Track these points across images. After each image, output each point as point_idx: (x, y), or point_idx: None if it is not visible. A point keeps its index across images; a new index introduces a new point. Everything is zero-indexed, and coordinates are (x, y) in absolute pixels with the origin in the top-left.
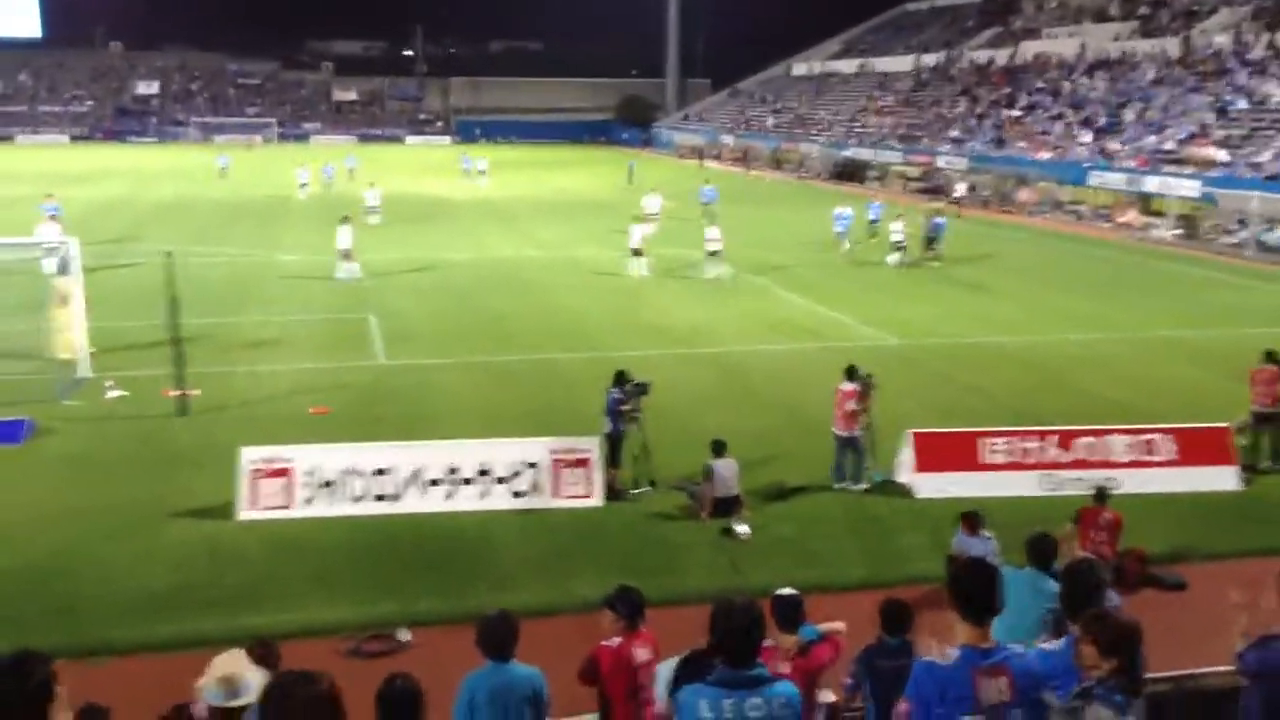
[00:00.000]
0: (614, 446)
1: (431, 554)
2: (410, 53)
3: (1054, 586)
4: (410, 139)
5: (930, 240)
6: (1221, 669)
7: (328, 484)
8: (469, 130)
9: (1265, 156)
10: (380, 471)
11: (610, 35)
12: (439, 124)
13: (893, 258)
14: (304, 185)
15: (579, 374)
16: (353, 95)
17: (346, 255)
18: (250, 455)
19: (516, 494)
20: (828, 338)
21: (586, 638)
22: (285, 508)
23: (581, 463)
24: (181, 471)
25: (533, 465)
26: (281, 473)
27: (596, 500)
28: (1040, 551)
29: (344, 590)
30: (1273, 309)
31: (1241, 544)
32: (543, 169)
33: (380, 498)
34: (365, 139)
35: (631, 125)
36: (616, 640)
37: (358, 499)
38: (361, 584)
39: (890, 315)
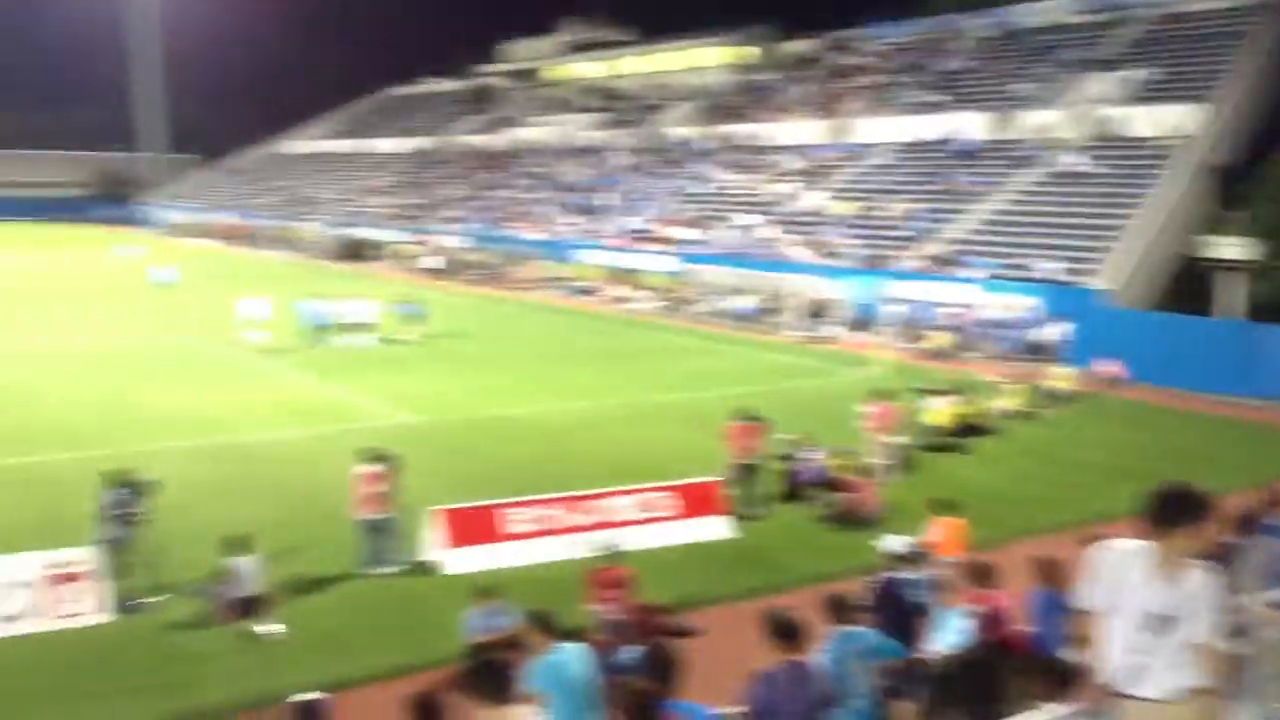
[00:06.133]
0: (118, 554)
1: None
2: None
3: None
4: None
5: (407, 321)
6: (740, 709)
7: None
8: None
9: (723, 235)
10: None
11: (81, 104)
12: None
13: (359, 339)
14: None
15: (77, 476)
16: None
17: None
18: None
19: (3, 619)
20: (347, 419)
21: None
22: None
23: (79, 576)
24: None
25: (20, 584)
26: None
27: (101, 616)
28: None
29: None
30: (740, 370)
31: (740, 586)
32: (12, 249)
33: None
34: None
35: (112, 201)
36: None
37: None
38: None
39: (406, 393)
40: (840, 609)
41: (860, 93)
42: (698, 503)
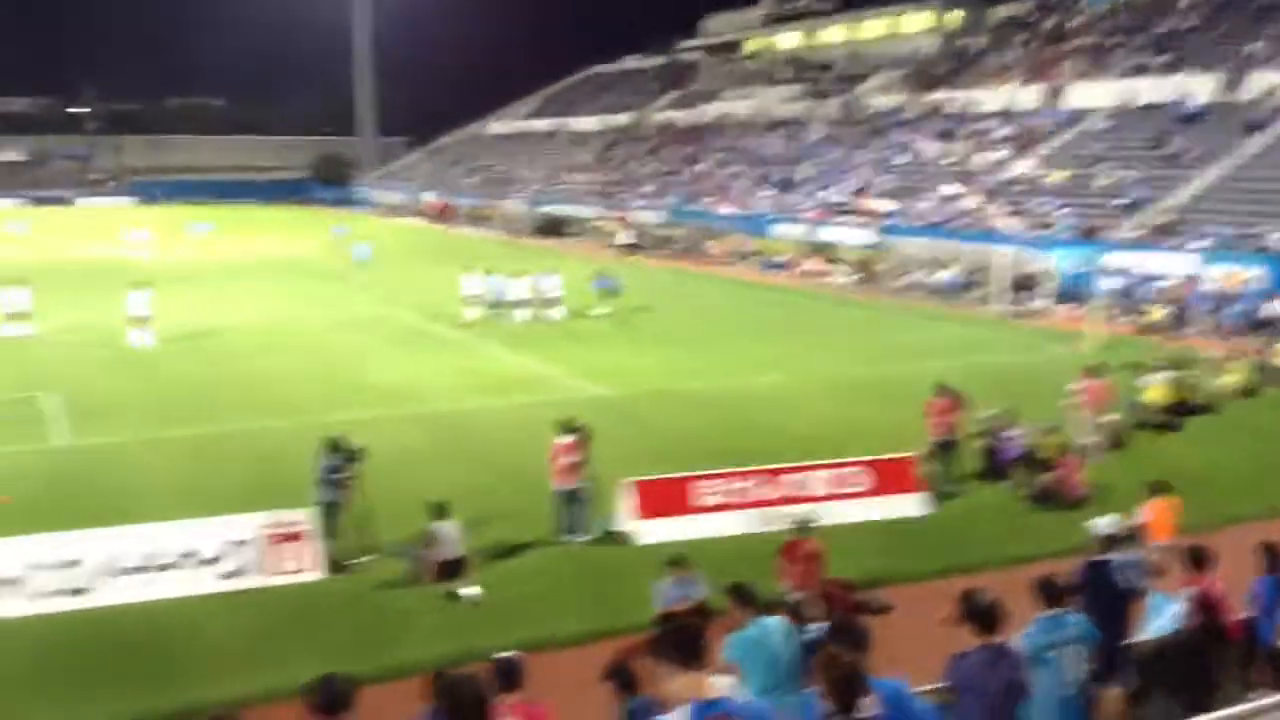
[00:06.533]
0: (330, 516)
1: (134, 650)
2: (78, 110)
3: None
4: (81, 200)
5: (602, 296)
6: (932, 686)
7: (8, 581)
8: (149, 191)
9: (925, 206)
10: (68, 563)
11: (301, 93)
12: (113, 184)
13: (548, 313)
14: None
15: (292, 442)
16: (13, 155)
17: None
18: None
19: (225, 575)
20: (538, 391)
21: None
22: None
23: (296, 536)
24: None
25: (242, 543)
26: None
27: (315, 575)
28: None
29: (34, 697)
30: (938, 345)
31: (934, 565)
32: (239, 229)
33: (70, 592)
34: (31, 201)
35: (329, 184)
36: None
37: (44, 595)
38: (54, 691)
39: (600, 366)
40: (1050, 592)
41: (1074, 56)
42: (892, 479)
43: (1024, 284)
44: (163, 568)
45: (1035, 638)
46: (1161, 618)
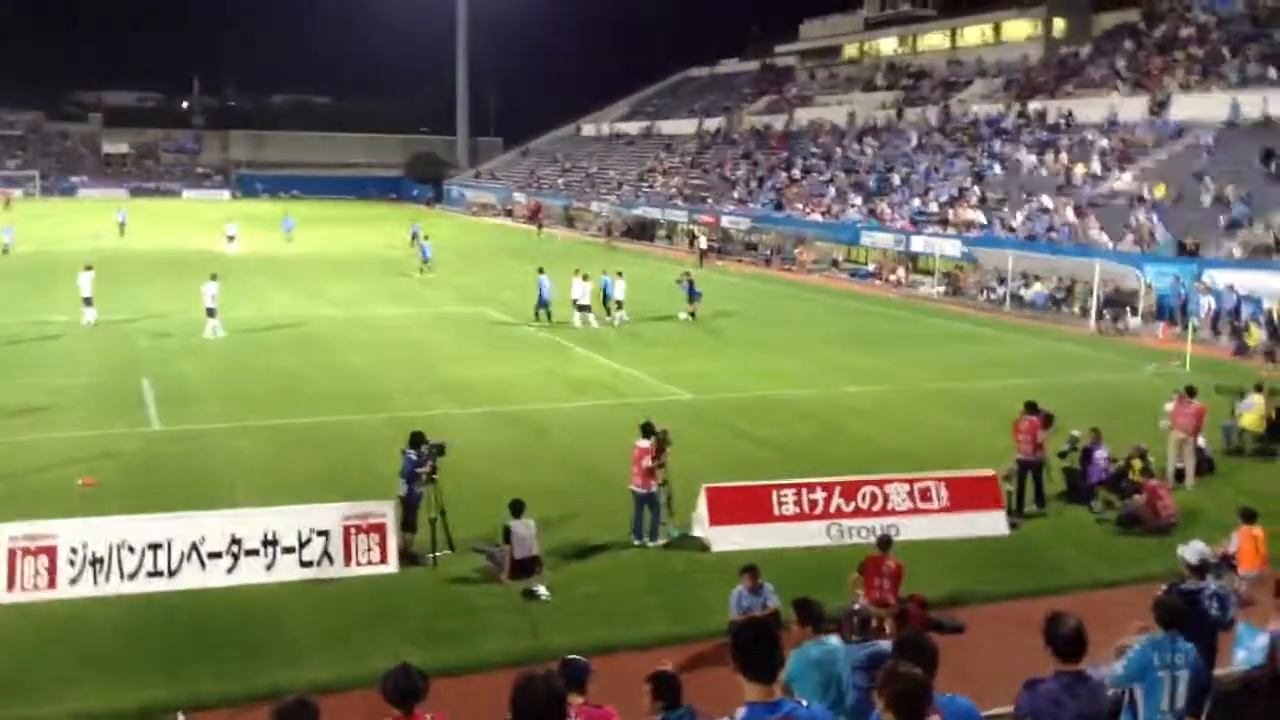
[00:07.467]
0: (409, 510)
1: (213, 632)
2: (187, 104)
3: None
4: (188, 193)
5: (685, 300)
6: (1002, 710)
7: (97, 561)
8: (250, 185)
9: (1018, 218)
10: (154, 545)
11: (400, 92)
12: (218, 178)
13: (619, 315)
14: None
15: (373, 435)
16: (124, 148)
17: (88, 302)
18: (10, 532)
19: (305, 564)
20: (624, 394)
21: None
22: (50, 588)
23: (375, 528)
24: None
25: (323, 533)
26: (45, 550)
27: (391, 567)
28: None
29: (116, 675)
30: (1028, 360)
31: (1011, 586)
32: (332, 225)
33: (155, 574)
34: (138, 193)
35: (422, 182)
36: None
37: (130, 576)
38: (136, 668)
39: (682, 371)
40: (1166, 614)
41: (1180, 66)
42: (973, 496)
43: (1119, 300)
44: (245, 554)
45: (1144, 656)
46: (1248, 650)
